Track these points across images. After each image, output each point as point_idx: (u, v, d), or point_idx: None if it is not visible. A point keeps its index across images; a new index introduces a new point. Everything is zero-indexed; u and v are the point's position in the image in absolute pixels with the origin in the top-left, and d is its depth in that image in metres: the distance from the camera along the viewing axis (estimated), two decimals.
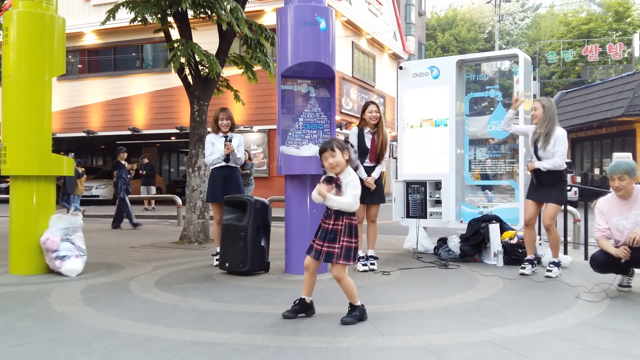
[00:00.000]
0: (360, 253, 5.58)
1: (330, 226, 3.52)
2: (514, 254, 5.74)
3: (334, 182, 3.53)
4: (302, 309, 3.65)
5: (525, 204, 5.34)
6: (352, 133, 5.71)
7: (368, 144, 5.58)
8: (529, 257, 5.27)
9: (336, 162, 3.50)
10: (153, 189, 16.32)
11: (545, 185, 5.12)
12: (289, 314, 3.61)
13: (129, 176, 10.79)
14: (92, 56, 20.32)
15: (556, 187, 5.11)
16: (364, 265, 5.48)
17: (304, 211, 5.16)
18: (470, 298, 4.27)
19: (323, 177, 3.62)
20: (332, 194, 3.48)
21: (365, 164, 5.58)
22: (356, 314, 3.56)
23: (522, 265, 5.24)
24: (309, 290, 3.66)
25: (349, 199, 3.49)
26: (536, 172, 5.17)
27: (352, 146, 5.55)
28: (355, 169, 3.67)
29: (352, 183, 3.52)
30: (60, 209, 9.25)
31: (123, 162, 10.68)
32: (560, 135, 5.05)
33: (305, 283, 3.66)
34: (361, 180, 5.24)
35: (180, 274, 5.39)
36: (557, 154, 5.03)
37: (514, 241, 5.81)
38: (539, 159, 5.13)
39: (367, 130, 5.62)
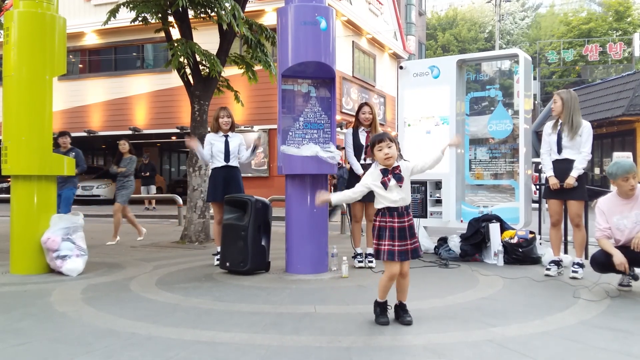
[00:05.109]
0: (358, 250, 5.74)
1: (406, 223, 3.47)
2: (514, 254, 5.74)
3: (390, 173, 3.47)
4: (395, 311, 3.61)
5: (549, 205, 5.26)
6: (348, 132, 5.87)
7: (363, 140, 5.70)
8: (554, 258, 5.19)
9: (392, 153, 3.49)
10: (153, 188, 16.32)
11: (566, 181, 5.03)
12: (384, 321, 3.50)
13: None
14: (92, 56, 20.34)
15: (577, 183, 5.03)
16: (360, 262, 5.65)
17: (305, 211, 5.18)
18: (471, 297, 4.27)
19: (377, 170, 3.50)
20: (392, 184, 3.44)
21: (362, 162, 5.65)
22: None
23: (547, 267, 5.15)
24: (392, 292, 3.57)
25: (431, 155, 3.63)
26: (558, 170, 5.09)
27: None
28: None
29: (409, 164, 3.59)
30: None
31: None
32: (587, 126, 5.05)
33: (394, 286, 3.53)
34: (358, 176, 5.30)
35: (180, 273, 5.40)
36: (584, 145, 5.02)
37: (514, 240, 5.81)
38: (561, 149, 5.09)
39: (361, 129, 5.81)
